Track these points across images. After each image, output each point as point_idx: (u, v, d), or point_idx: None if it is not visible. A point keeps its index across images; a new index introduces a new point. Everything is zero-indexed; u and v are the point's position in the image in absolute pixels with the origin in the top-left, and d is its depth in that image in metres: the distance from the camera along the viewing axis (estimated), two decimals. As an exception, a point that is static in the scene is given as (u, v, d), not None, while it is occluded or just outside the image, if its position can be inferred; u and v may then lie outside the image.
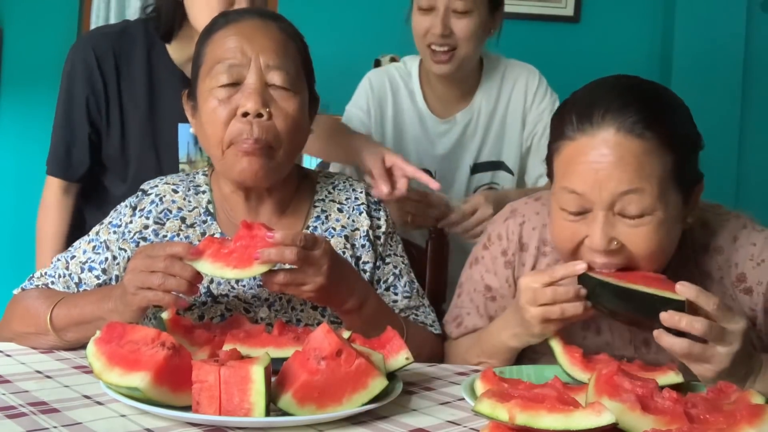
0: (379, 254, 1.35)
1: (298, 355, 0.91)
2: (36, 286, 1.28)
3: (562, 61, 3.61)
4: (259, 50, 1.20)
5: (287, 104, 1.21)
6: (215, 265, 1.05)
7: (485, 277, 1.34)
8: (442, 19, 1.77)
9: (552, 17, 3.63)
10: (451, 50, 1.79)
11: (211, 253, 1.06)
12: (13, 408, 0.88)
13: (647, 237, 1.07)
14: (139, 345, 0.91)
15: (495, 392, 0.85)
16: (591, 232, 1.09)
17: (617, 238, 1.08)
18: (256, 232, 1.07)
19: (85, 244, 1.30)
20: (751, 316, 1.19)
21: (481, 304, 1.34)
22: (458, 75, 1.87)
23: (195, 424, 0.85)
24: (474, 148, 1.94)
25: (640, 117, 1.06)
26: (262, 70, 1.20)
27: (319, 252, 1.09)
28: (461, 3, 1.77)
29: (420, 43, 1.84)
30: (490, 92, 1.93)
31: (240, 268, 1.04)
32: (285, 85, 1.21)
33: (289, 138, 1.22)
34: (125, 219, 1.30)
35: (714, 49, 3.44)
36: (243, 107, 1.18)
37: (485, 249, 1.35)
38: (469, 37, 1.79)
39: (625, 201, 1.06)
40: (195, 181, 1.35)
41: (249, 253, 1.04)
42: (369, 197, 1.39)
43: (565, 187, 1.10)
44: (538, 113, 1.93)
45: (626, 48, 3.51)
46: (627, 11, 3.66)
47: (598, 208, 1.08)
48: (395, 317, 1.27)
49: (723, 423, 0.82)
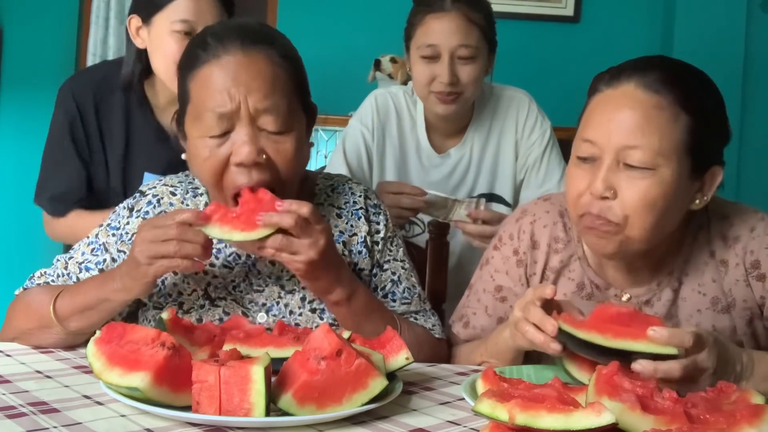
0: (377, 261, 1.34)
1: (298, 355, 0.91)
2: (36, 285, 1.28)
3: (562, 61, 3.63)
4: (246, 92, 1.14)
5: (283, 147, 1.18)
6: (223, 228, 1.10)
7: (496, 277, 1.34)
8: (448, 68, 1.75)
9: (552, 17, 3.64)
10: (457, 94, 1.79)
11: (218, 218, 1.10)
12: (13, 408, 0.88)
13: (646, 191, 1.11)
14: (139, 345, 0.91)
15: (495, 392, 0.85)
16: (595, 177, 1.13)
17: (615, 187, 1.12)
18: (261, 196, 1.11)
19: (84, 246, 1.30)
20: (761, 304, 1.22)
21: (490, 304, 1.35)
22: (458, 112, 1.87)
23: (195, 424, 0.86)
24: (468, 182, 1.94)
25: (659, 76, 1.13)
26: (252, 116, 1.15)
27: (318, 227, 1.12)
28: (467, 50, 1.75)
29: (422, 90, 1.82)
30: (482, 127, 1.93)
31: (247, 231, 1.08)
32: (278, 129, 1.16)
33: (290, 177, 1.20)
34: (123, 221, 1.30)
35: (714, 49, 3.44)
36: (237, 157, 1.15)
37: (496, 250, 1.36)
38: (474, 81, 1.79)
39: (628, 153, 1.11)
40: (194, 183, 1.35)
41: (253, 215, 1.09)
42: (368, 201, 1.37)
43: (582, 134, 1.17)
44: (530, 144, 1.92)
45: (626, 48, 3.49)
46: (627, 11, 3.67)
47: (605, 156, 1.13)
48: (387, 313, 1.26)
49: (723, 423, 0.82)
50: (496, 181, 1.95)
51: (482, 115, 1.93)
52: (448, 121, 1.90)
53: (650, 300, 1.25)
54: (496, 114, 1.93)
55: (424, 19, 1.78)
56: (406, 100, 1.95)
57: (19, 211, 3.55)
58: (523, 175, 1.95)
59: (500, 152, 1.94)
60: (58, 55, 3.61)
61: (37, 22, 3.57)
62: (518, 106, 1.94)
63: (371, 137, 1.92)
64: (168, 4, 1.62)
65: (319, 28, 3.51)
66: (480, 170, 1.94)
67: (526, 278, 1.32)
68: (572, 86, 3.72)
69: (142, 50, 1.70)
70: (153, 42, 1.66)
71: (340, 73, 3.38)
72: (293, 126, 1.19)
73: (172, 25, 1.61)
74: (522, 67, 3.42)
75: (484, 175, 1.94)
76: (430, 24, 1.76)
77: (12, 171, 3.61)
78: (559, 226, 1.31)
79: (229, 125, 1.15)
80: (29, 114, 3.55)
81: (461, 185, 1.94)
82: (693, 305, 1.24)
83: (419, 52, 1.78)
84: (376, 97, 1.96)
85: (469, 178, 1.94)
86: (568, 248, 1.30)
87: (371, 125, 1.92)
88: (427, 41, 1.77)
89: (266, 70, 1.17)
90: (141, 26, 1.68)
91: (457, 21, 1.75)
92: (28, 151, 3.55)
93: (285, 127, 1.17)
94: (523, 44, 3.54)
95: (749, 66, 3.58)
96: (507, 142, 1.93)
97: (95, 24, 3.57)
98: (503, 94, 1.95)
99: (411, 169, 1.94)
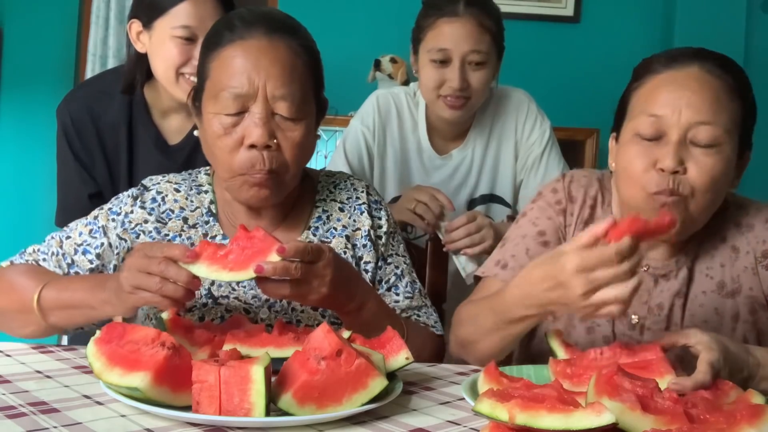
0: (381, 254, 1.34)
1: (298, 355, 0.91)
2: (26, 261, 1.26)
3: (562, 61, 3.63)
4: (266, 77, 1.17)
5: (294, 134, 1.20)
6: (211, 268, 1.04)
7: (537, 222, 1.33)
8: (459, 73, 1.75)
9: (552, 17, 3.64)
10: (465, 99, 1.79)
11: (207, 256, 1.05)
12: (13, 408, 0.88)
13: (713, 167, 1.15)
14: (139, 345, 0.91)
15: (495, 392, 0.85)
16: (663, 153, 1.15)
17: (685, 163, 1.15)
18: (254, 234, 1.07)
19: (82, 227, 1.29)
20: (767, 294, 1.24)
21: (532, 246, 1.32)
22: (465, 116, 1.87)
23: (195, 424, 0.85)
24: (470, 184, 1.95)
25: (719, 63, 1.20)
26: (268, 100, 1.17)
27: (322, 263, 1.08)
28: (478, 55, 1.75)
29: (430, 94, 1.82)
30: (483, 129, 1.93)
31: (236, 271, 1.03)
32: (291, 115, 1.19)
33: (296, 163, 1.22)
34: (125, 208, 1.29)
35: (714, 49, 3.43)
36: (250, 139, 1.17)
37: (534, 203, 1.37)
38: (484, 87, 1.80)
39: (699, 130, 1.15)
40: (197, 180, 1.35)
41: (246, 256, 1.04)
42: (370, 196, 1.38)
43: (646, 110, 1.19)
44: (530, 145, 1.93)
45: (626, 48, 3.52)
46: (627, 11, 3.67)
47: (673, 131, 1.16)
48: (396, 318, 1.26)
49: (723, 423, 0.82)
50: (497, 182, 1.95)
51: (483, 117, 1.93)
52: (451, 125, 1.90)
53: (667, 275, 1.26)
54: (497, 115, 1.94)
55: (436, 23, 1.77)
56: (407, 101, 1.95)
57: (19, 211, 3.57)
58: (522, 175, 1.95)
59: (501, 153, 1.94)
60: (58, 55, 3.61)
61: (37, 22, 3.57)
62: (518, 106, 1.94)
63: (372, 137, 1.92)
64: (169, 10, 1.62)
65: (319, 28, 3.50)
66: (481, 172, 1.94)
67: (564, 228, 1.33)
68: (572, 86, 3.75)
69: (143, 54, 1.70)
70: (154, 47, 1.66)
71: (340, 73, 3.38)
72: (305, 114, 1.22)
73: (173, 31, 1.62)
74: (522, 67, 3.42)
75: (485, 177, 1.94)
76: (442, 28, 1.76)
77: (12, 171, 3.61)
78: (594, 188, 1.34)
79: (245, 105, 1.18)
80: (29, 114, 3.55)
81: (463, 187, 1.94)
82: (699, 286, 1.26)
83: (429, 56, 1.78)
84: (378, 97, 1.96)
85: (471, 180, 1.94)
86: (600, 209, 1.33)
87: (372, 125, 1.92)
88: (438, 45, 1.76)
89: (287, 58, 1.20)
90: (142, 31, 1.68)
91: (470, 26, 1.75)
92: (28, 151, 3.57)
93: (298, 115, 1.20)
94: (523, 44, 3.53)
95: (749, 66, 3.55)
96: (507, 143, 1.94)
97: (95, 24, 3.58)
98: (503, 95, 1.96)
99: (412, 170, 1.94)
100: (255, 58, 1.18)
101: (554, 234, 1.32)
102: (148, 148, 1.76)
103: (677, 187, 1.15)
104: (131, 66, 1.74)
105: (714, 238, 1.28)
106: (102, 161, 1.76)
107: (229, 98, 1.17)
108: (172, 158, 1.76)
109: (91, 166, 1.76)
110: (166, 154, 1.76)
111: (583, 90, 3.55)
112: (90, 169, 1.76)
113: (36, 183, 3.48)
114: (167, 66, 1.63)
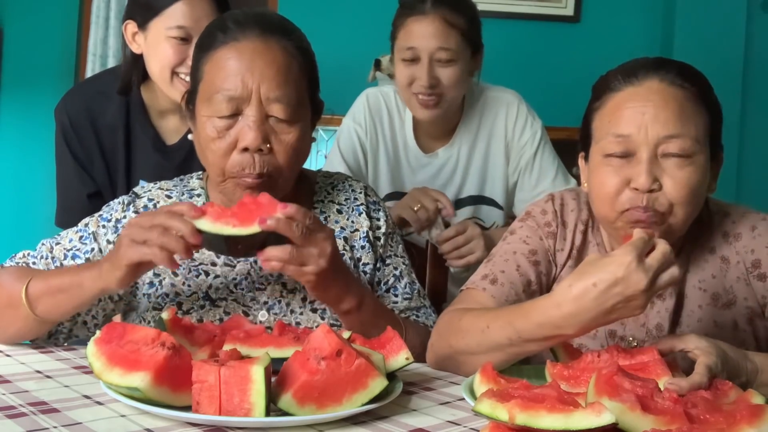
0: (380, 255, 1.34)
1: (298, 355, 0.91)
2: (16, 263, 1.26)
3: (562, 61, 3.63)
4: (260, 80, 1.16)
5: (288, 137, 1.19)
6: (215, 223, 1.06)
7: (528, 241, 1.31)
8: (427, 71, 1.75)
9: (552, 17, 3.64)
10: (438, 96, 1.79)
11: (212, 213, 1.07)
12: (13, 408, 0.88)
13: (689, 179, 1.13)
14: (139, 345, 0.91)
15: (495, 392, 0.85)
16: (635, 172, 1.13)
17: (659, 179, 1.13)
18: (261, 199, 1.08)
19: (73, 234, 1.29)
20: (763, 304, 1.22)
21: (523, 263, 1.28)
22: (442, 115, 1.86)
23: (195, 424, 0.86)
24: (455, 183, 1.94)
25: (679, 72, 1.17)
26: (262, 103, 1.17)
27: (323, 235, 1.09)
28: (446, 53, 1.75)
29: (404, 93, 1.83)
30: (470, 128, 1.92)
31: (239, 226, 1.05)
32: (286, 118, 1.18)
33: (290, 166, 1.21)
34: (116, 214, 1.29)
35: (714, 49, 3.44)
36: (243, 142, 1.16)
37: (523, 222, 1.34)
38: (455, 84, 1.79)
39: (669, 144, 1.13)
40: (189, 185, 1.35)
41: (250, 213, 1.06)
42: (368, 197, 1.38)
43: (611, 131, 1.16)
44: (521, 146, 1.91)
45: (626, 48, 3.51)
46: (627, 11, 3.67)
47: (643, 150, 1.13)
48: (395, 319, 1.26)
49: (723, 423, 0.82)
50: (486, 183, 1.94)
51: (471, 117, 1.93)
52: (434, 123, 1.89)
53: (662, 294, 1.24)
54: (484, 115, 1.93)
55: (405, 22, 1.79)
56: (396, 99, 1.95)
57: (19, 211, 3.57)
58: (516, 177, 1.94)
59: (490, 154, 1.93)
60: (58, 55, 3.61)
61: (37, 22, 3.57)
62: (507, 107, 1.92)
63: (365, 135, 1.92)
64: (164, 10, 1.62)
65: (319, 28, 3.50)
66: (468, 172, 1.93)
67: (554, 252, 1.30)
68: (572, 86, 3.73)
69: (139, 55, 1.70)
70: (149, 47, 1.66)
71: (340, 73, 3.38)
72: (300, 117, 1.21)
73: (168, 31, 1.62)
74: (522, 67, 3.42)
75: (472, 177, 1.93)
76: (410, 27, 1.78)
77: (12, 171, 3.61)
78: (585, 212, 1.32)
79: (238, 108, 1.17)
80: (29, 114, 3.55)
81: (448, 186, 1.93)
82: (694, 301, 1.24)
83: (400, 55, 1.80)
84: (368, 96, 1.96)
85: (456, 180, 1.93)
86: (591, 234, 1.31)
87: (364, 123, 1.93)
88: (407, 44, 1.78)
89: (281, 60, 1.19)
90: (137, 32, 1.68)
91: (436, 24, 1.75)
92: (28, 150, 3.57)
93: (293, 117, 1.19)
94: (523, 44, 3.53)
95: (749, 66, 3.58)
96: (497, 145, 1.93)
97: (95, 24, 3.58)
98: (490, 94, 1.95)
99: (402, 168, 1.95)
100: (249, 60, 1.17)
101: (544, 255, 1.30)
102: (145, 149, 1.76)
103: (652, 204, 1.13)
104: (127, 67, 1.74)
105: (703, 250, 1.25)
106: (100, 161, 1.76)
107: (223, 101, 1.16)
108: (170, 158, 1.76)
109: (90, 166, 1.76)
110: (163, 155, 1.76)
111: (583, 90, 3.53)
112: (89, 169, 1.76)
113: (36, 183, 3.48)
114: (162, 66, 1.64)
